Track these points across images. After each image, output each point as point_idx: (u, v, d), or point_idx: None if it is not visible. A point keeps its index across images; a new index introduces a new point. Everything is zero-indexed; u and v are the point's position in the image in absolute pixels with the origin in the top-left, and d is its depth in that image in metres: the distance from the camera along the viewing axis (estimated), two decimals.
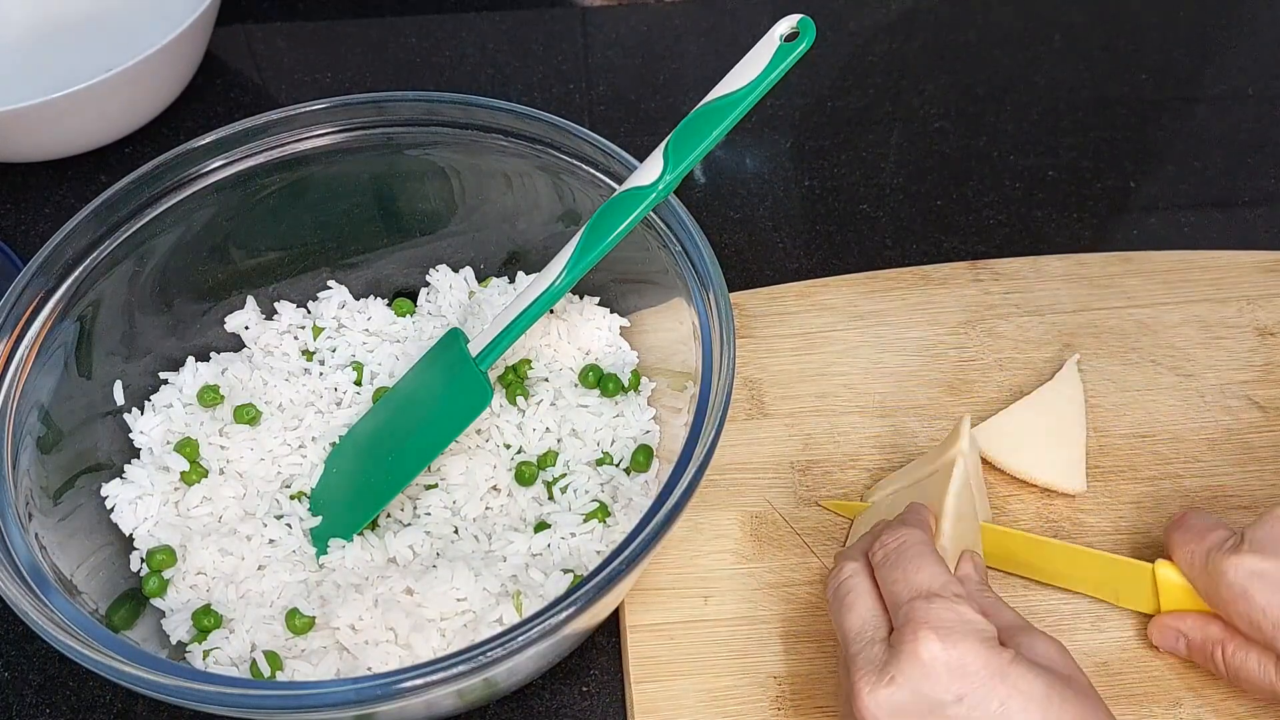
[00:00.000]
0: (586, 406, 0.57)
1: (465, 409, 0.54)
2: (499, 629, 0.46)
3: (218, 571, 0.52)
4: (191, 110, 0.81)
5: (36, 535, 0.47)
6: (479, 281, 0.63)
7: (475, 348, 0.54)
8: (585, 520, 0.53)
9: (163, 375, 0.58)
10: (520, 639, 0.40)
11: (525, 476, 0.55)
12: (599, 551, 0.52)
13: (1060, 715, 0.40)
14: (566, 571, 0.50)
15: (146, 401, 0.57)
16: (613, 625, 0.55)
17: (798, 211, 0.74)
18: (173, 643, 0.50)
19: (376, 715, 0.44)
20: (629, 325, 0.60)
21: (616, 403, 0.57)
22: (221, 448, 0.56)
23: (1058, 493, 0.57)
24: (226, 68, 0.84)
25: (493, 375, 0.57)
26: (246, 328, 0.61)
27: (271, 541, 0.53)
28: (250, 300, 0.61)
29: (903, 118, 0.80)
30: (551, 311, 0.58)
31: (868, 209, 0.74)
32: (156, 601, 0.52)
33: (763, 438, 0.60)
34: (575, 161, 0.56)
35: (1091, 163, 0.76)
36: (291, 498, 0.56)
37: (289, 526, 0.54)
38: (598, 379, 0.58)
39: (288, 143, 0.57)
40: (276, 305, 0.62)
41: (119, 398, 0.56)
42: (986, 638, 0.42)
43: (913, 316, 0.64)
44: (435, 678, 0.39)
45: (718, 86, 0.48)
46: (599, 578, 0.41)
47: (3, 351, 0.49)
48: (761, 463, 0.59)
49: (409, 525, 0.54)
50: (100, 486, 0.54)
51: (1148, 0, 0.88)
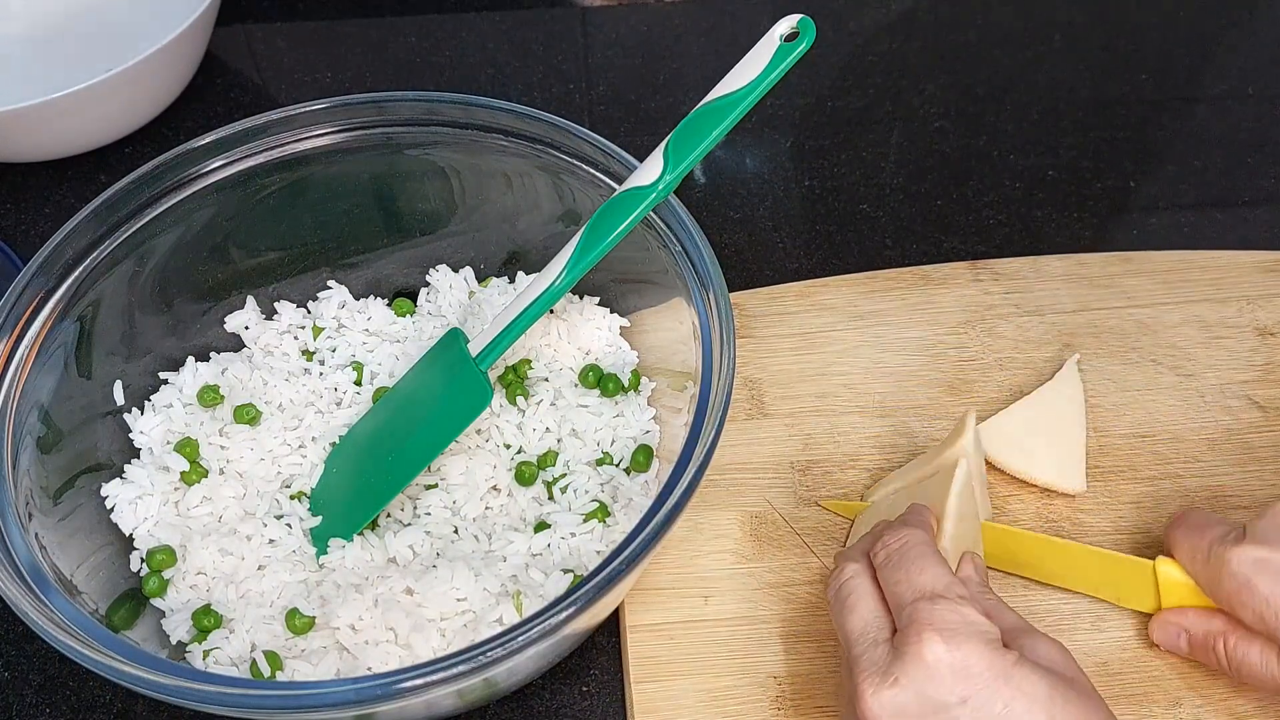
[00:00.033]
0: (586, 406, 0.57)
1: (465, 409, 0.54)
2: (499, 629, 0.46)
3: (218, 571, 0.52)
4: (191, 110, 0.81)
5: (36, 535, 0.47)
6: (479, 281, 0.63)
7: (475, 348, 0.54)
8: (585, 520, 0.53)
9: (163, 375, 0.58)
10: (520, 639, 0.40)
11: (525, 476, 0.55)
12: (599, 551, 0.52)
13: (1064, 717, 0.40)
14: (566, 571, 0.50)
15: (146, 401, 0.57)
16: (613, 625, 0.55)
17: (798, 211, 0.74)
18: (173, 643, 0.50)
19: (376, 715, 0.44)
20: (629, 325, 0.60)
21: (616, 403, 0.57)
22: (221, 448, 0.56)
23: (1058, 492, 0.57)
24: (226, 68, 0.84)
25: (493, 375, 0.57)
26: (246, 328, 0.61)
27: (271, 541, 0.53)
28: (250, 300, 0.61)
29: (903, 118, 0.80)
30: (551, 311, 0.58)
31: (868, 209, 0.74)
32: (156, 601, 0.52)
33: (763, 438, 0.60)
34: (575, 161, 0.56)
35: (1091, 163, 0.76)
36: (291, 498, 0.56)
37: (289, 526, 0.54)
38: (598, 379, 0.58)
39: (288, 143, 0.57)
40: (276, 305, 0.62)
41: (119, 398, 0.56)
42: (990, 639, 0.41)
43: (913, 316, 0.64)
44: (435, 678, 0.39)
45: (718, 86, 0.48)
46: (599, 578, 0.41)
47: (3, 351, 0.49)
48: (761, 463, 0.59)
49: (409, 525, 0.54)
50: (100, 486, 0.54)
51: (1147, 0, 0.88)
